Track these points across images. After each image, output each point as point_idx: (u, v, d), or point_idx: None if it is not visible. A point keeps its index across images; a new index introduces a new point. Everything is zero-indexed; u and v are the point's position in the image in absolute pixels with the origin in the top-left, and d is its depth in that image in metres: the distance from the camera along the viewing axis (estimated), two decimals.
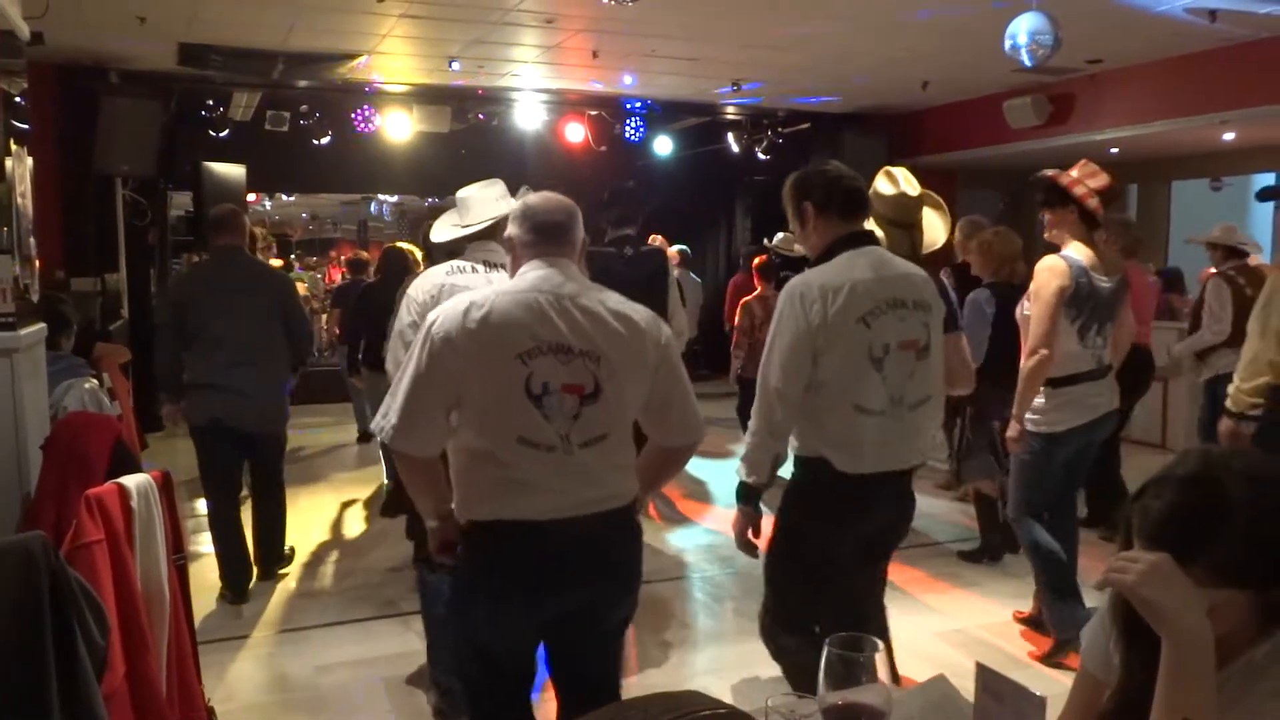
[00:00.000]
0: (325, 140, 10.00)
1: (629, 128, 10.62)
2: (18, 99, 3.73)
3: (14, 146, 3.54)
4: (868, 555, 3.13)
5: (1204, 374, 6.05)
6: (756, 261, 7.50)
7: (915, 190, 3.39)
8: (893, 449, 2.90)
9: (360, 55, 8.25)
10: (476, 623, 2.43)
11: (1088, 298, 3.88)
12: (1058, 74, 8.46)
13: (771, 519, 3.09)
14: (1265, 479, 1.38)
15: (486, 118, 10.31)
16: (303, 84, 9.29)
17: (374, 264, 10.90)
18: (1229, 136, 9.40)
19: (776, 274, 7.30)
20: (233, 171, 9.72)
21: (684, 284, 7.31)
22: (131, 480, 2.64)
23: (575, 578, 2.36)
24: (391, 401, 2.33)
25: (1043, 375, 3.91)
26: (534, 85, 9.66)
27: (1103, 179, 3.93)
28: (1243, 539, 1.34)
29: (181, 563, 2.89)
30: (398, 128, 9.89)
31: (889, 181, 3.40)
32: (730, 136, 11.21)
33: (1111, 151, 9.61)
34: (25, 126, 3.85)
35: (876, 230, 3.18)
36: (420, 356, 2.30)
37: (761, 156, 11.00)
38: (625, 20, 6.98)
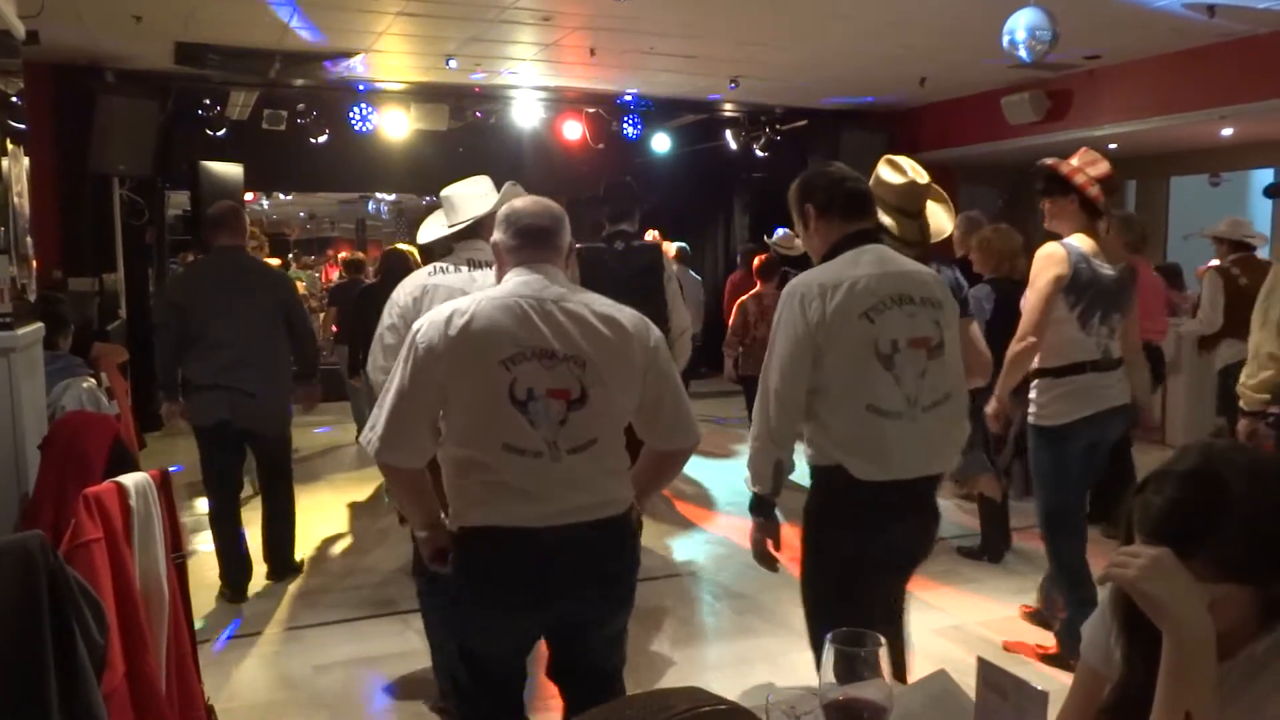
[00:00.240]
0: (323, 139, 10.00)
1: (627, 125, 10.61)
2: (14, 98, 3.73)
3: (10, 146, 3.53)
4: (892, 568, 2.98)
5: (1216, 365, 6.07)
6: (757, 261, 7.50)
7: (924, 177, 3.33)
8: (912, 454, 2.76)
9: (357, 53, 8.24)
10: (467, 629, 2.43)
11: (1088, 284, 3.78)
12: (1056, 70, 8.46)
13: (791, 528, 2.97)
14: (1266, 474, 1.38)
15: (484, 116, 10.30)
16: (300, 83, 9.27)
17: (371, 264, 10.94)
18: (1228, 132, 9.39)
19: (778, 271, 7.30)
20: (230, 171, 9.71)
21: (684, 282, 7.29)
22: (130, 479, 2.63)
23: (566, 587, 2.34)
24: (378, 414, 2.32)
25: (1026, 361, 3.84)
26: (531, 83, 9.65)
27: (1103, 166, 3.84)
28: (1243, 534, 1.33)
29: (180, 561, 2.89)
30: (395, 126, 9.89)
31: (895, 170, 3.32)
32: (728, 134, 11.21)
33: (1110, 147, 9.60)
34: (22, 126, 3.84)
35: (886, 219, 3.11)
36: (404, 368, 2.29)
37: (759, 154, 11.00)
38: (623, 17, 6.98)
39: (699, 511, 6.73)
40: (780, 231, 8.35)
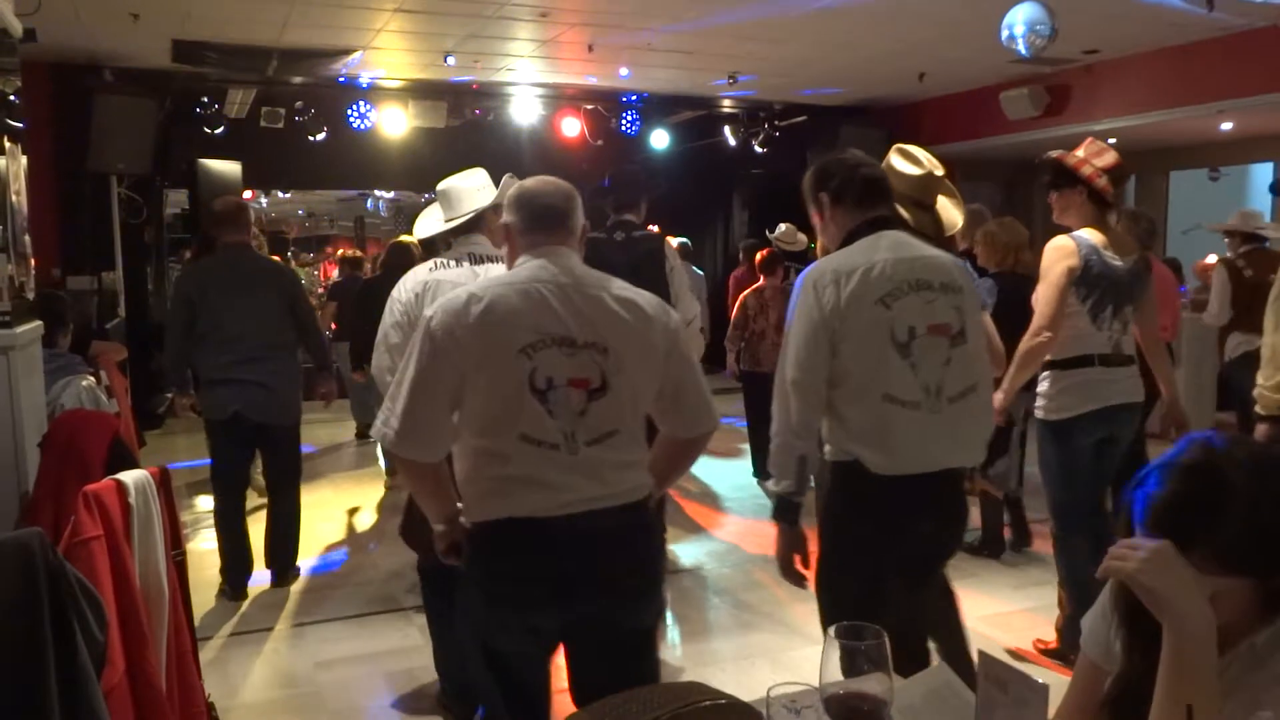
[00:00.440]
0: (321, 136, 9.98)
1: (625, 121, 10.61)
2: (11, 97, 3.72)
3: (8, 144, 3.53)
4: (916, 567, 2.82)
5: (1223, 358, 6.05)
6: (759, 256, 7.48)
7: (940, 169, 3.28)
8: (933, 447, 2.64)
9: (355, 51, 8.23)
10: (486, 627, 2.32)
11: (1099, 277, 3.72)
12: (1055, 64, 8.46)
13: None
14: (1267, 466, 1.38)
15: (482, 112, 10.29)
16: (298, 80, 9.26)
17: (370, 260, 10.90)
18: (1227, 126, 9.39)
19: (780, 266, 7.30)
20: (228, 168, 9.70)
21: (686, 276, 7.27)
22: (129, 476, 2.62)
23: (587, 578, 2.23)
24: (392, 406, 2.23)
25: (1040, 357, 3.77)
26: (530, 79, 9.64)
27: (1110, 157, 3.78)
28: (1244, 527, 1.33)
29: (180, 559, 2.89)
30: (393, 123, 9.88)
31: (910, 161, 3.26)
32: (727, 130, 11.19)
33: (1109, 142, 9.54)
34: (19, 125, 3.83)
35: (900, 211, 3.04)
36: (419, 355, 2.20)
37: (758, 150, 10.98)
38: (620, 13, 6.97)
39: (700, 509, 6.73)
40: (782, 227, 8.34)
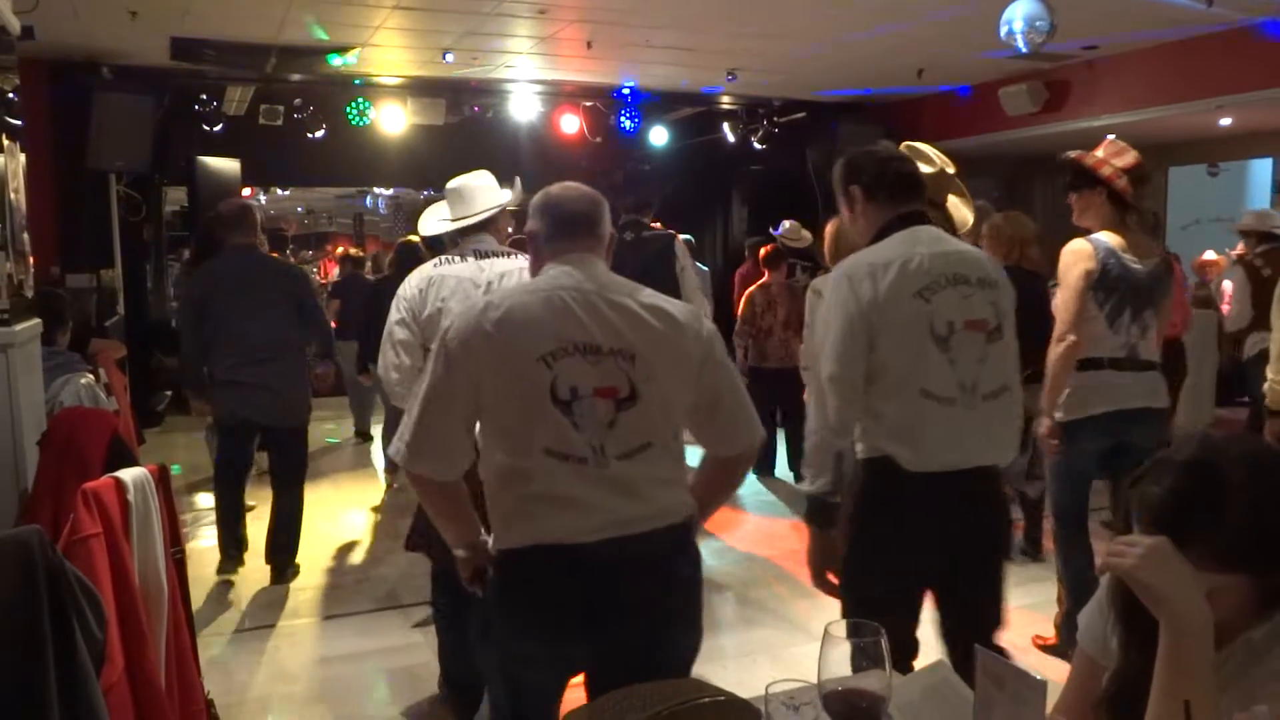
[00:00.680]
0: (319, 134, 9.96)
1: (624, 118, 10.59)
2: (10, 95, 3.72)
3: (6, 142, 3.52)
4: (952, 573, 2.66)
5: (1242, 356, 6.04)
6: (763, 252, 7.48)
7: (952, 167, 3.25)
8: (967, 443, 2.56)
9: (353, 47, 8.22)
10: (511, 659, 2.16)
11: (1118, 280, 3.66)
12: (1054, 60, 8.44)
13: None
14: (1264, 464, 1.38)
15: (481, 110, 10.28)
16: (296, 78, 9.25)
17: (370, 258, 10.90)
18: (1226, 122, 9.38)
19: (784, 262, 7.30)
20: (227, 166, 9.69)
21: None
22: (128, 474, 2.62)
23: (621, 605, 2.07)
24: (406, 421, 2.13)
25: (1069, 361, 3.69)
26: (528, 77, 9.63)
27: (1130, 157, 3.71)
28: (1241, 524, 1.33)
29: (179, 556, 2.89)
30: (392, 120, 9.86)
31: (921, 159, 3.21)
32: (726, 126, 11.17)
33: (1109, 138, 9.58)
34: (18, 122, 3.83)
35: None
36: (433, 366, 2.11)
37: (758, 146, 10.96)
38: (619, 10, 6.96)
39: None
40: (786, 224, 8.33)
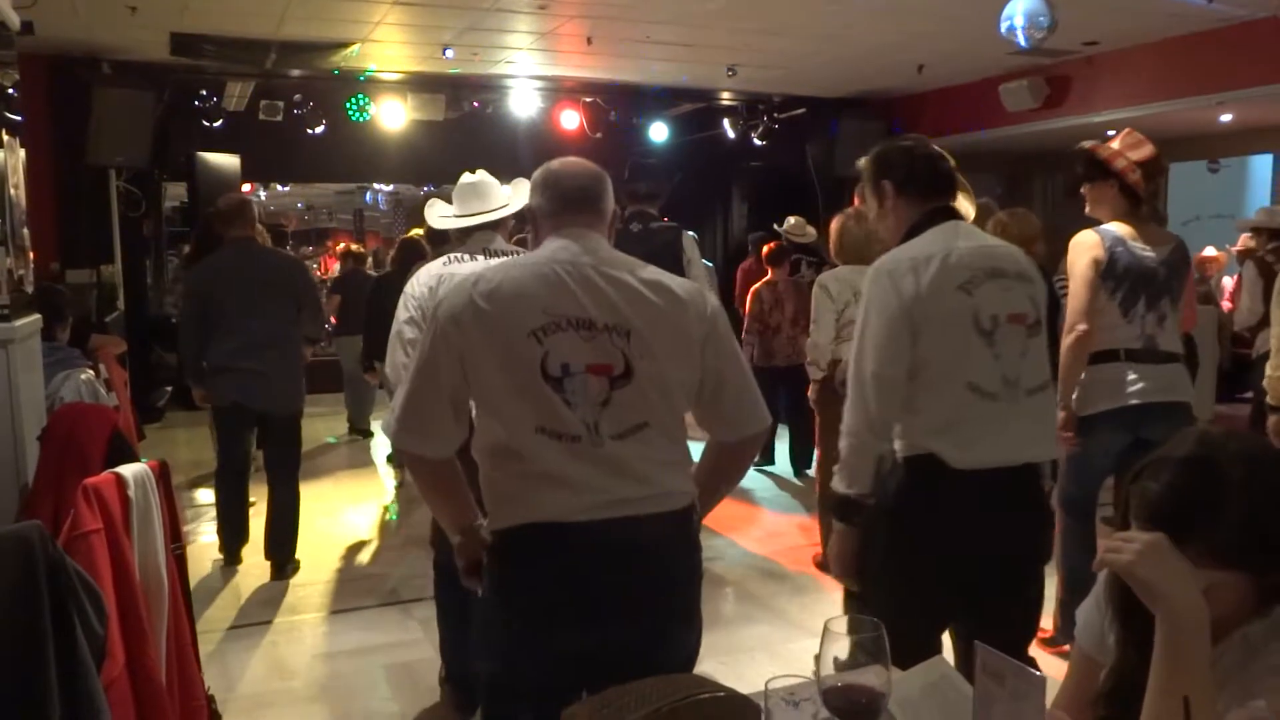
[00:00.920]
0: (319, 129, 9.95)
1: (624, 114, 10.57)
2: (10, 90, 3.72)
3: (6, 138, 3.53)
4: (989, 578, 2.53)
5: (1254, 353, 6.04)
6: (767, 249, 7.47)
7: (952, 161, 3.28)
8: (1013, 439, 2.48)
9: (353, 43, 8.21)
10: (503, 654, 2.09)
11: (1127, 269, 3.62)
12: (1054, 56, 8.43)
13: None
14: (1262, 462, 1.38)
15: (481, 105, 10.27)
16: (296, 73, 9.24)
17: (371, 254, 10.89)
18: (1226, 118, 9.37)
19: (788, 258, 7.30)
20: (227, 162, 9.69)
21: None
22: (129, 470, 2.63)
23: (617, 599, 2.01)
24: (397, 395, 2.12)
25: (1082, 351, 3.63)
26: (528, 72, 9.62)
27: (1146, 149, 3.66)
28: (1239, 521, 1.34)
29: (180, 552, 2.89)
30: (392, 116, 9.86)
31: None
32: (726, 122, 11.17)
33: (1109, 134, 9.55)
34: (17, 118, 3.84)
35: None
36: (425, 342, 2.07)
37: (758, 142, 10.95)
38: (619, 6, 6.95)
39: None
40: (791, 220, 8.33)
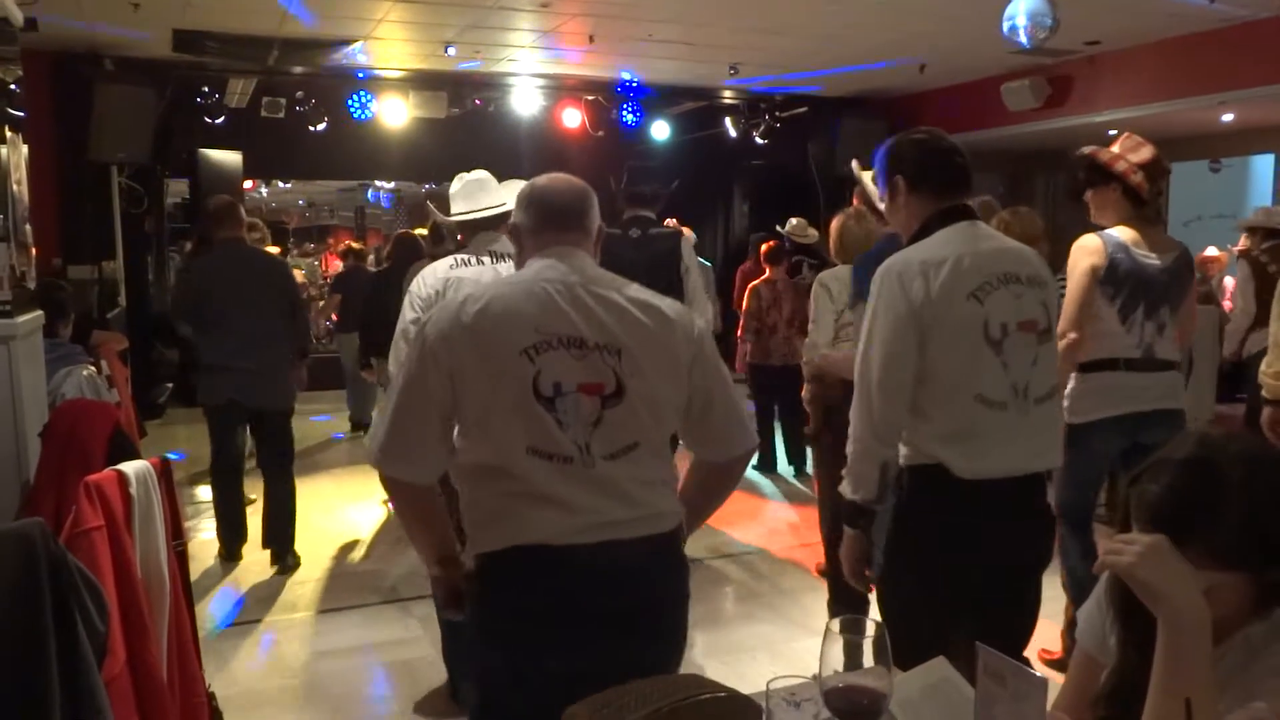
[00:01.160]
0: (321, 126, 9.94)
1: (626, 112, 10.57)
2: (12, 86, 3.72)
3: (9, 134, 3.53)
4: (998, 584, 2.53)
5: (1245, 353, 6.03)
6: (765, 247, 7.46)
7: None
8: (1022, 449, 2.46)
9: (355, 40, 8.21)
10: (491, 676, 2.05)
11: (1127, 276, 3.59)
12: (1056, 56, 8.43)
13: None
14: (1262, 462, 1.38)
15: (483, 103, 10.27)
16: (298, 70, 9.24)
17: (371, 251, 10.89)
18: (1228, 118, 9.37)
19: (785, 258, 7.29)
20: (229, 158, 9.70)
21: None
22: (130, 467, 2.63)
23: (604, 618, 1.97)
24: (381, 421, 2.06)
25: (1069, 358, 3.55)
26: (530, 70, 9.62)
27: (1146, 152, 3.62)
28: (1239, 523, 1.34)
29: (181, 549, 2.89)
30: (394, 114, 9.85)
31: None
32: (728, 121, 11.16)
33: (1110, 134, 9.51)
34: (20, 114, 3.84)
35: None
36: (409, 362, 2.02)
37: (759, 141, 10.95)
38: (621, 4, 6.96)
39: None
40: (793, 221, 8.32)
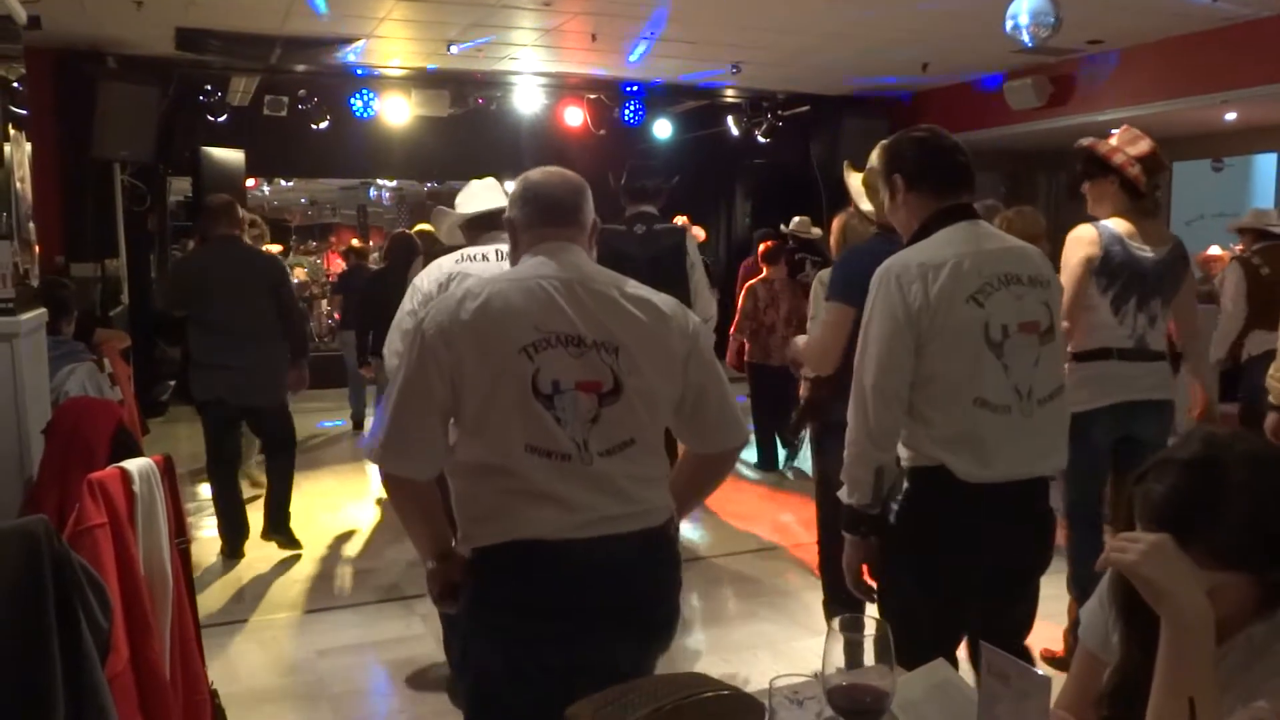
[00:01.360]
0: (324, 125, 9.95)
1: (628, 111, 10.57)
2: (15, 84, 3.72)
3: (12, 131, 3.53)
4: (998, 584, 2.53)
5: (1242, 357, 6.02)
6: (763, 246, 7.46)
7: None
8: (1025, 452, 2.45)
9: (358, 39, 8.21)
10: (485, 670, 2.07)
11: (1121, 267, 3.61)
12: (1058, 55, 8.43)
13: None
14: (1267, 463, 1.38)
15: (485, 102, 10.27)
16: (301, 69, 9.24)
17: (374, 250, 10.89)
18: (1230, 116, 9.36)
19: (783, 256, 7.29)
20: (231, 156, 9.69)
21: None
22: (133, 464, 2.63)
23: (600, 612, 2.00)
24: (381, 419, 2.06)
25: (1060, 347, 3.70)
26: (533, 69, 9.62)
27: (1144, 145, 3.65)
28: (1243, 523, 1.34)
29: (184, 546, 2.90)
30: (396, 112, 9.85)
31: None
32: (730, 120, 11.16)
33: (1112, 133, 9.56)
34: (23, 111, 3.84)
35: None
36: (407, 359, 2.03)
37: (761, 140, 10.95)
38: (624, 2, 6.95)
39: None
40: (796, 219, 8.32)
